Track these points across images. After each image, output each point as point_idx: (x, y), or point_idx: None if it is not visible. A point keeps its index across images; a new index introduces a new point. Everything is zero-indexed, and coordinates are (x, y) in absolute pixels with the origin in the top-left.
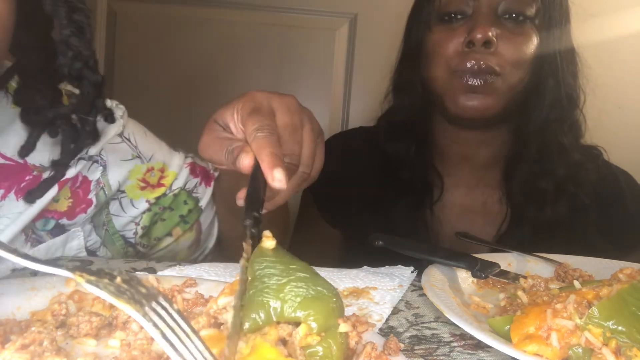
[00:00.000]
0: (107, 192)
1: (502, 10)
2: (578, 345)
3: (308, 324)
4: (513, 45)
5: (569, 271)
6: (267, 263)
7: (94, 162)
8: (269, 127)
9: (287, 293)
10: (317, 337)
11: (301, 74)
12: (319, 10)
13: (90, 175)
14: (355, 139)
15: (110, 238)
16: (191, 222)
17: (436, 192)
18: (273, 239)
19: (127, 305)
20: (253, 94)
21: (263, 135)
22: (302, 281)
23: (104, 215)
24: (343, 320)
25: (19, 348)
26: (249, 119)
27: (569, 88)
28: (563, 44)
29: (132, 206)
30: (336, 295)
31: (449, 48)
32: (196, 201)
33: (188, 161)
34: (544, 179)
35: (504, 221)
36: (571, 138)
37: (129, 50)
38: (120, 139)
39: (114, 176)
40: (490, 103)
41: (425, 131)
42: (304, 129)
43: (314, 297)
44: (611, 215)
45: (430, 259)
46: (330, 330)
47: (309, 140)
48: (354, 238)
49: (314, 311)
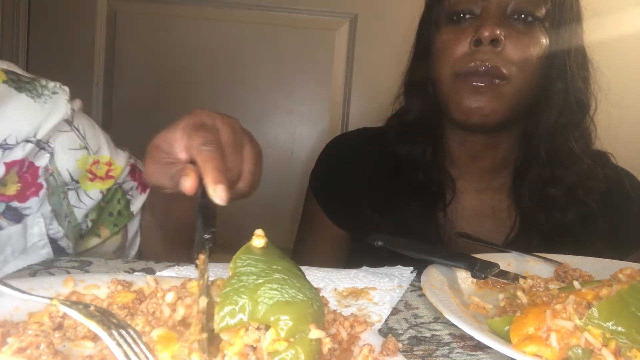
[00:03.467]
0: (57, 178)
1: (512, 10)
2: (578, 346)
3: (276, 328)
4: (521, 46)
5: (568, 271)
6: (250, 261)
7: (41, 148)
8: (214, 142)
9: (261, 294)
10: (284, 342)
11: (301, 74)
12: (319, 10)
13: (37, 162)
14: (360, 140)
15: (72, 230)
16: (120, 226)
17: (448, 194)
18: (263, 238)
19: (95, 324)
20: (198, 112)
21: (208, 150)
22: (279, 283)
23: (65, 206)
24: (316, 326)
25: (16, 351)
26: (195, 133)
27: (579, 92)
28: (573, 47)
29: (87, 197)
30: (314, 300)
31: (456, 48)
32: (128, 203)
33: (131, 161)
34: (553, 185)
35: (514, 226)
36: (581, 144)
37: (129, 50)
38: (69, 127)
39: (62, 163)
40: (495, 107)
41: (436, 133)
42: (244, 148)
43: (287, 301)
44: (617, 219)
45: (430, 259)
46: (300, 337)
47: (249, 158)
48: (363, 239)
49: (285, 315)
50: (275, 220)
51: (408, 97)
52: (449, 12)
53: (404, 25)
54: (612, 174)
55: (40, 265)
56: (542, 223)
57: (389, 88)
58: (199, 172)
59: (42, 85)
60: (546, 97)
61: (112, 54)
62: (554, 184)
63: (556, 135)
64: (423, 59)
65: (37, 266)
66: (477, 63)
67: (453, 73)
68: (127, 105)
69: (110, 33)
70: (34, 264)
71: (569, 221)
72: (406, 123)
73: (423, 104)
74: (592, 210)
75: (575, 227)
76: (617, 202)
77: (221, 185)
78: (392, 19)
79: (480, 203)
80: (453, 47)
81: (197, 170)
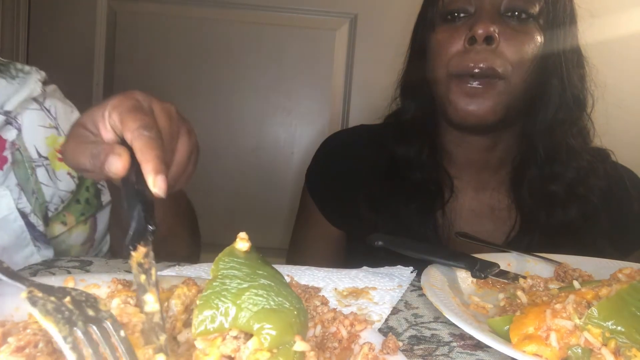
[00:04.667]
0: (23, 154)
1: (505, 8)
2: (577, 345)
3: (260, 337)
4: (516, 44)
5: (568, 271)
6: (233, 264)
7: (8, 123)
8: (154, 127)
9: (245, 300)
10: (267, 353)
11: (301, 74)
12: (319, 10)
13: (4, 135)
14: (357, 137)
15: (40, 207)
16: (87, 215)
17: (446, 193)
18: (247, 242)
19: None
20: (133, 93)
21: (149, 135)
22: (264, 289)
23: (32, 182)
24: (301, 337)
25: (14, 350)
26: (130, 115)
27: (575, 89)
28: (568, 44)
29: (55, 177)
30: (300, 310)
31: (451, 47)
32: (98, 193)
33: None
34: (553, 183)
35: (514, 226)
36: (580, 141)
37: (129, 50)
38: (37, 106)
39: (30, 139)
40: (491, 108)
41: (433, 134)
42: (180, 139)
43: (273, 309)
44: (618, 217)
45: (430, 259)
46: (285, 348)
47: (182, 152)
48: (359, 239)
49: (270, 324)
50: (274, 220)
51: (404, 98)
52: (443, 12)
53: (404, 25)
54: (612, 171)
55: (41, 265)
56: (543, 222)
57: (389, 88)
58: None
59: (17, 68)
60: (542, 95)
61: (112, 54)
62: (554, 181)
63: (554, 132)
64: (419, 60)
65: (38, 266)
66: (471, 65)
67: (448, 73)
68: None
69: (110, 33)
70: (34, 263)
71: (569, 219)
72: (403, 123)
73: (419, 105)
74: (592, 207)
75: (576, 225)
76: (618, 200)
77: (162, 176)
78: (392, 19)
79: (479, 203)
80: (447, 45)
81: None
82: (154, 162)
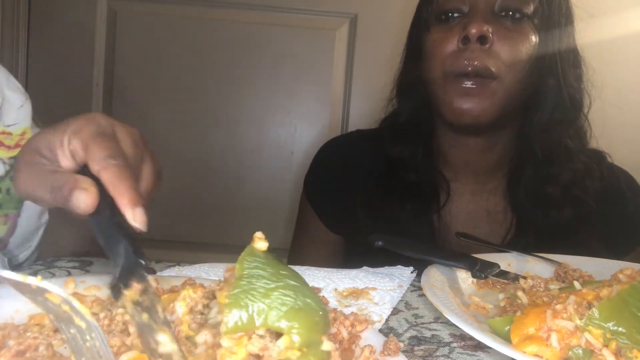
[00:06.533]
0: None
1: (499, 7)
2: (578, 346)
3: (290, 336)
4: (510, 43)
5: (569, 271)
6: (257, 264)
7: None
8: (121, 154)
9: (274, 299)
10: (297, 351)
11: (301, 74)
12: (319, 10)
13: None
14: (352, 143)
15: None
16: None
17: (442, 196)
18: (265, 241)
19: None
20: (95, 116)
21: (119, 165)
22: (291, 290)
23: None
24: (327, 337)
25: (15, 354)
26: (95, 143)
27: (572, 89)
28: (564, 44)
29: None
30: (323, 309)
31: (445, 47)
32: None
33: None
34: (549, 184)
35: (510, 228)
36: (577, 141)
37: (129, 50)
38: None
39: None
40: (485, 107)
41: (429, 135)
42: (144, 166)
43: (301, 308)
44: (614, 219)
45: (430, 259)
46: (313, 346)
47: (147, 180)
48: (358, 243)
49: (299, 323)
50: (274, 220)
51: (400, 99)
52: (437, 12)
53: (404, 25)
54: (608, 172)
55: (41, 265)
56: (539, 224)
57: (389, 88)
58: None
59: None
60: (538, 95)
61: (112, 54)
62: (550, 182)
63: (550, 132)
64: (414, 60)
65: (38, 266)
66: (465, 63)
67: (443, 73)
68: (127, 105)
69: (110, 33)
70: (34, 263)
71: (565, 221)
72: (398, 125)
73: (415, 105)
74: (588, 209)
75: (572, 227)
76: (613, 201)
77: (140, 208)
78: (392, 19)
79: (475, 205)
80: (442, 45)
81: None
82: (129, 195)
